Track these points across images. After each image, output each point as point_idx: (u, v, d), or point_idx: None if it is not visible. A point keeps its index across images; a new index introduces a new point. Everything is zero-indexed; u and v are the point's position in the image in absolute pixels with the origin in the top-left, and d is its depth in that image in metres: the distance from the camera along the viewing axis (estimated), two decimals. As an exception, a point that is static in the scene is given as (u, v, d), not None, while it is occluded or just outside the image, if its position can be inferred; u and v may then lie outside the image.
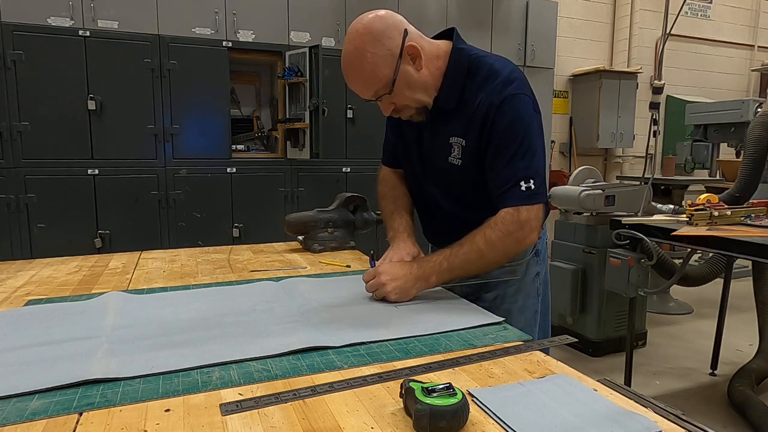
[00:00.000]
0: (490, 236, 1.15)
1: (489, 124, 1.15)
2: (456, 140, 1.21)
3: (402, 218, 1.35)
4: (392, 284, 1.12)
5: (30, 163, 3.12)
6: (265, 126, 4.05)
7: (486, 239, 1.15)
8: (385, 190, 1.45)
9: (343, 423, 0.65)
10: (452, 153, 1.22)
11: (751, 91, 7.02)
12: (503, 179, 1.16)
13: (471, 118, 1.17)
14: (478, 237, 1.15)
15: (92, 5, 3.15)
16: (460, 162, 1.22)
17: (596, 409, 0.67)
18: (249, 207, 3.62)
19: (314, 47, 3.43)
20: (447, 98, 1.20)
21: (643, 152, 2.72)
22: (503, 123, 1.14)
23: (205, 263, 1.53)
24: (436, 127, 1.24)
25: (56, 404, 0.69)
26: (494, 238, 1.14)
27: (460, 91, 1.19)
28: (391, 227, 1.36)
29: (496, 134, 1.15)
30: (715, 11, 6.63)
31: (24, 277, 1.36)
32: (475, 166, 1.21)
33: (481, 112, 1.15)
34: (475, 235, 1.16)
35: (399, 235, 1.30)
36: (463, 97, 1.19)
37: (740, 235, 1.73)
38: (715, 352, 2.90)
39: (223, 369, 0.80)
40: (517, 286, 1.31)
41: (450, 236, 1.24)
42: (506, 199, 1.16)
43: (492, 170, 1.18)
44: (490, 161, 1.17)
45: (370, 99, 1.15)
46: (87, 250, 3.13)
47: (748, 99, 3.78)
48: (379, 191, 1.47)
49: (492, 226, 1.15)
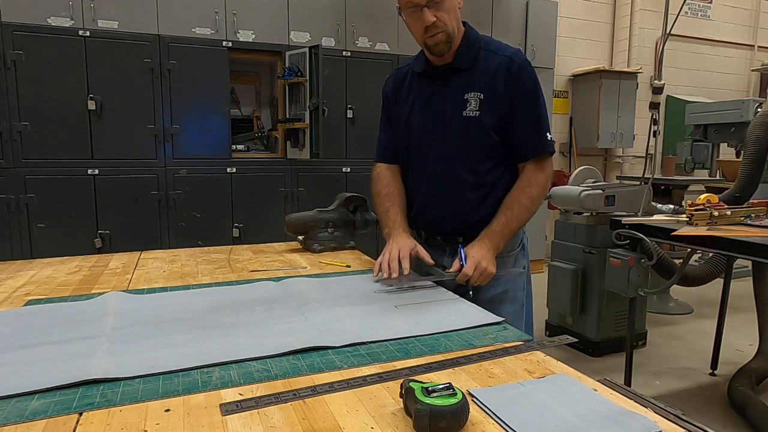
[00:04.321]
0: (532, 193, 1.33)
1: (513, 80, 1.30)
2: (473, 95, 1.33)
3: (397, 215, 1.42)
4: (490, 263, 1.27)
5: (30, 163, 3.12)
6: (265, 126, 4.05)
7: (529, 197, 1.32)
8: (379, 188, 1.49)
9: (343, 423, 0.65)
10: (468, 106, 1.33)
11: (751, 91, 7.01)
12: (532, 127, 1.34)
13: (492, 74, 1.32)
14: (522, 197, 1.33)
15: (92, 5, 3.15)
16: (477, 113, 1.33)
17: (596, 409, 0.67)
18: (249, 207, 3.62)
19: (314, 47, 3.43)
20: (463, 58, 1.34)
21: (643, 152, 2.72)
22: (528, 80, 1.32)
23: (205, 263, 1.53)
24: (450, 86, 1.36)
25: (56, 404, 0.69)
26: (535, 195, 1.33)
27: (474, 55, 1.34)
28: (386, 223, 1.42)
29: (522, 88, 1.32)
30: (715, 11, 6.63)
31: (24, 277, 1.36)
32: (491, 115, 1.32)
33: (502, 69, 1.31)
34: (518, 196, 1.33)
35: (395, 230, 1.37)
36: (478, 59, 1.34)
37: (740, 235, 1.72)
38: (715, 352, 2.89)
39: (223, 369, 0.80)
40: (507, 278, 1.40)
41: (449, 221, 1.38)
42: (538, 146, 1.35)
43: (521, 119, 1.33)
44: (520, 112, 1.32)
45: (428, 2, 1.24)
46: (87, 250, 3.13)
47: (748, 99, 3.78)
48: (374, 189, 1.51)
49: (530, 183, 1.33)
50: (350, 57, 3.81)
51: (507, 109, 1.32)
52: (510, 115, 1.32)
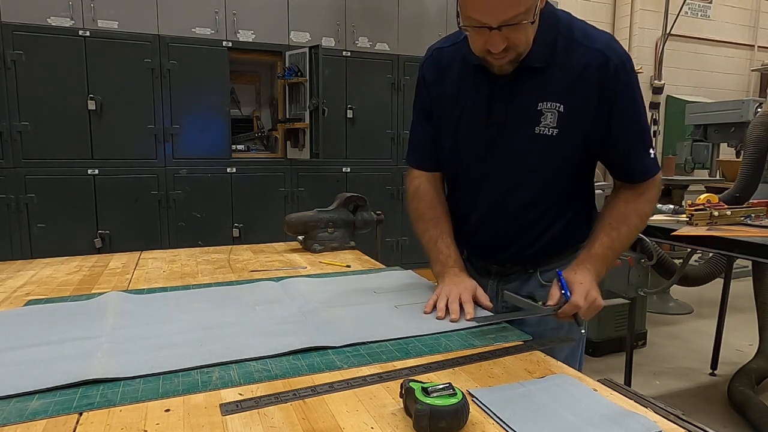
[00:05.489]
0: (644, 209, 1.08)
1: (610, 85, 0.99)
2: (549, 106, 1.02)
3: (450, 248, 1.15)
4: (599, 294, 1.01)
5: (30, 163, 3.12)
6: (265, 126, 4.05)
7: (640, 214, 1.08)
8: (422, 209, 1.20)
9: (343, 423, 0.65)
10: (542, 122, 1.02)
11: (751, 91, 7.02)
12: (637, 146, 1.06)
13: (577, 76, 1.00)
14: (632, 215, 1.07)
15: (92, 5, 3.15)
16: (555, 132, 1.02)
17: (596, 409, 0.67)
18: (249, 207, 3.62)
19: (314, 47, 3.43)
20: (537, 54, 0.99)
21: (643, 152, 2.70)
22: (629, 85, 1.02)
23: (205, 263, 1.53)
24: (518, 91, 1.03)
25: (56, 404, 0.69)
26: (647, 211, 1.09)
27: (551, 48, 1.00)
28: (436, 259, 1.15)
29: (622, 96, 1.01)
30: (715, 11, 6.63)
31: (24, 277, 1.36)
32: (574, 133, 1.03)
33: (592, 71, 0.99)
34: (626, 212, 1.07)
35: (450, 270, 1.12)
36: (556, 53, 1.00)
37: (740, 235, 1.72)
38: (715, 352, 2.89)
39: (223, 369, 0.79)
40: None
41: (508, 247, 1.14)
42: (644, 170, 1.07)
43: (622, 136, 1.04)
44: (620, 128, 1.03)
45: (501, 24, 0.91)
46: (87, 250, 3.13)
47: (748, 99, 3.78)
48: (414, 208, 1.22)
49: (641, 198, 1.08)
50: (350, 57, 3.81)
51: (600, 123, 1.02)
52: (605, 130, 1.03)
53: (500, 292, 1.20)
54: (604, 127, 1.03)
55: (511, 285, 1.20)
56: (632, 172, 1.08)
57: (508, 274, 1.21)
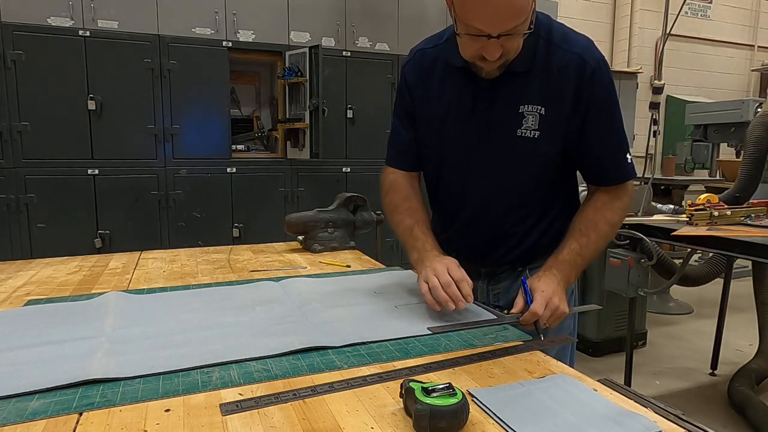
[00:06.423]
0: (613, 218, 1.09)
1: (587, 88, 1.01)
2: (531, 108, 1.03)
3: (426, 234, 1.14)
4: (562, 300, 1.00)
5: (30, 163, 3.12)
6: (265, 126, 4.05)
7: (609, 222, 1.08)
8: (397, 200, 1.20)
9: (343, 423, 0.65)
10: (524, 124, 1.04)
11: (751, 91, 7.02)
12: (612, 149, 1.08)
13: (555, 80, 1.01)
14: (601, 222, 1.08)
15: (92, 5, 3.15)
16: (536, 134, 1.04)
17: (596, 409, 0.67)
18: (249, 207, 3.62)
19: (314, 47, 3.43)
20: (520, 58, 1.00)
21: (643, 152, 2.72)
22: (605, 89, 1.03)
23: (205, 263, 1.53)
24: (501, 94, 1.05)
25: (56, 404, 0.69)
26: (616, 220, 1.09)
27: (533, 51, 1.01)
28: (413, 245, 1.13)
29: (599, 99, 1.03)
30: (715, 11, 6.63)
31: (24, 277, 1.36)
32: (554, 135, 1.04)
33: (571, 73, 1.01)
34: (595, 219, 1.08)
35: (429, 253, 1.09)
36: (537, 56, 1.02)
37: (740, 235, 1.72)
38: (715, 352, 2.89)
39: (223, 369, 0.79)
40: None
41: (496, 248, 1.15)
42: (619, 174, 1.09)
43: (597, 139, 1.06)
44: (596, 130, 1.05)
45: (502, 33, 0.91)
46: (87, 250, 3.13)
47: (748, 99, 3.78)
48: (389, 201, 1.23)
49: (609, 206, 1.09)
50: (350, 57, 3.81)
51: (576, 125, 1.04)
52: (581, 132, 1.05)
53: (491, 293, 1.23)
54: (580, 128, 1.05)
55: (501, 285, 1.22)
56: (607, 173, 1.10)
57: (498, 274, 1.22)
